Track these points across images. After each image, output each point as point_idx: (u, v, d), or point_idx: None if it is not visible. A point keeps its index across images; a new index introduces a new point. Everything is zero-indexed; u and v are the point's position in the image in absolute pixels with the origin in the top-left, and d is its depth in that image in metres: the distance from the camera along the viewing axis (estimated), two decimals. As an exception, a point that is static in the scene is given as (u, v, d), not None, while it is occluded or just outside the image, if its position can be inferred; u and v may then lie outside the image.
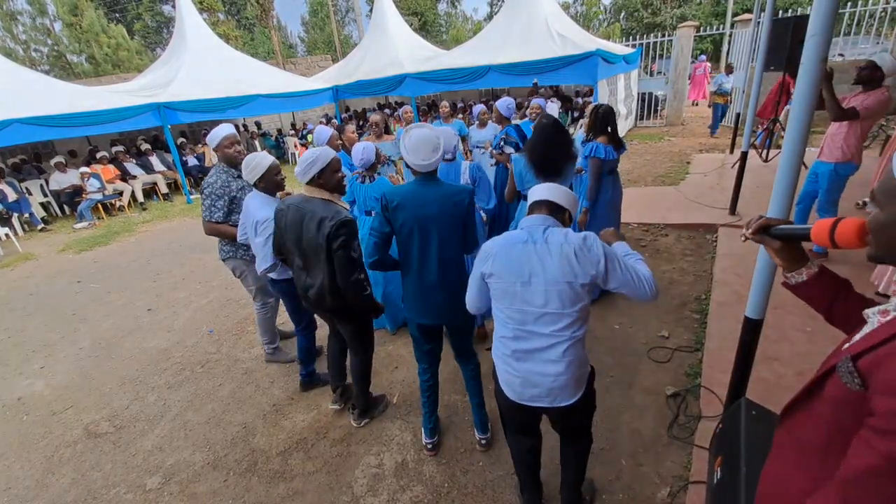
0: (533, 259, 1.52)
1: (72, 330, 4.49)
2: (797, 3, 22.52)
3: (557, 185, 1.62)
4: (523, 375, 1.59)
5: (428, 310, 2.24)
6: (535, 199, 1.63)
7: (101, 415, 3.16)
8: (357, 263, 2.21)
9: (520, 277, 1.53)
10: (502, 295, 1.59)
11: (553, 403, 1.60)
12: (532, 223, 1.60)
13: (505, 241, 1.60)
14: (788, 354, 2.81)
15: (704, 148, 8.74)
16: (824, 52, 1.45)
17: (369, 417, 2.80)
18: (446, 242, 2.12)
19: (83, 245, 7.31)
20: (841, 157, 3.57)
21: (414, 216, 2.07)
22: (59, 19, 24.41)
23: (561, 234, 1.55)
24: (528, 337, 1.57)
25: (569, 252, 1.49)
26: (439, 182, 2.14)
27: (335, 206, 2.22)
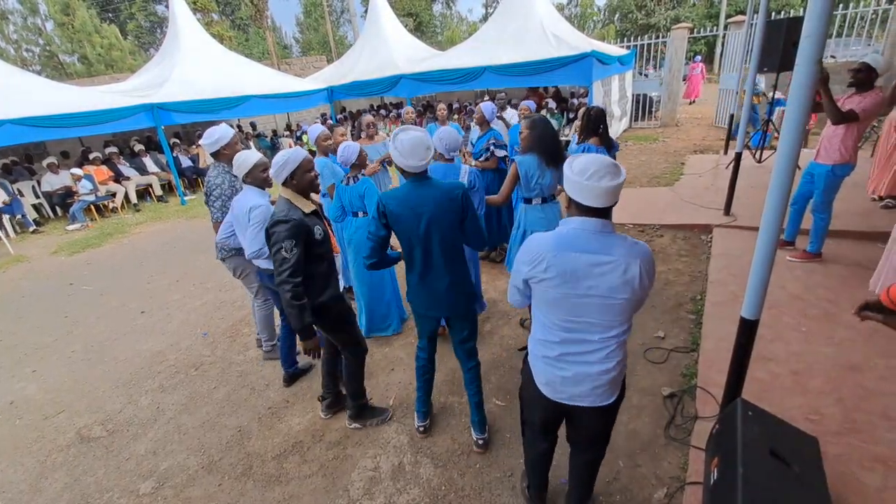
0: (594, 273, 1.43)
1: (64, 333, 4.44)
2: (789, 5, 22.73)
3: (616, 185, 1.42)
4: (568, 376, 1.56)
5: (434, 304, 2.31)
6: (591, 205, 1.43)
7: (93, 419, 3.13)
8: (286, 265, 2.09)
9: (576, 290, 1.46)
10: (552, 303, 1.51)
11: (594, 403, 1.58)
12: (592, 230, 1.46)
13: (559, 246, 1.46)
14: (784, 354, 2.82)
15: (699, 149, 8.78)
16: (818, 53, 1.46)
17: (361, 424, 2.71)
18: (447, 239, 2.16)
19: (76, 247, 7.24)
20: (839, 158, 3.58)
21: (412, 217, 2.10)
22: (50, 19, 24.23)
23: (629, 247, 1.46)
24: (576, 342, 1.54)
25: (633, 267, 1.43)
26: (432, 181, 2.15)
27: (290, 205, 2.22)
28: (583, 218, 1.46)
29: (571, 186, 1.44)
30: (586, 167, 1.40)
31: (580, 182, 1.40)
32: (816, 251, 3.91)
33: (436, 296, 2.26)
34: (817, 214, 3.81)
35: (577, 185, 1.41)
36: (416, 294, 2.33)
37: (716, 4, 27.23)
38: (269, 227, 2.17)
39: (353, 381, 2.67)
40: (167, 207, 9.45)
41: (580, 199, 1.43)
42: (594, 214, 1.45)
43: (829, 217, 3.79)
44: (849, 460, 2.07)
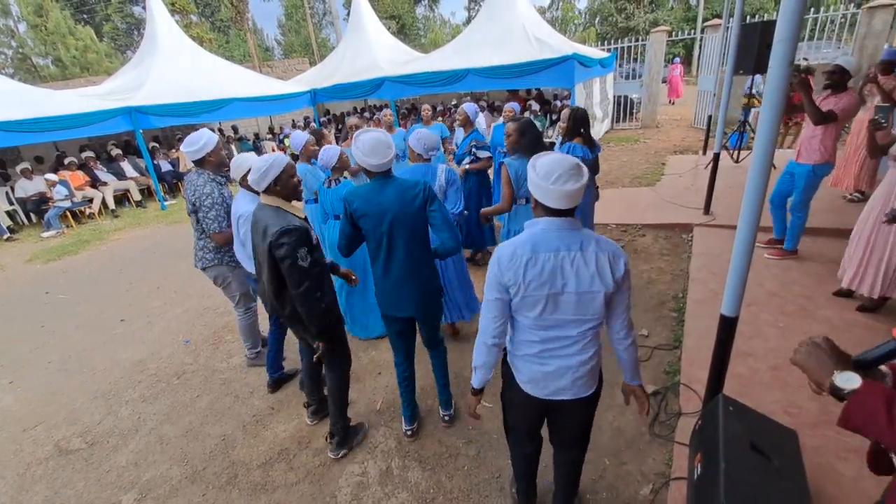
0: (567, 269, 1.47)
1: (40, 343, 4.31)
2: (763, 9, 23.34)
3: (580, 187, 1.45)
4: (550, 371, 1.60)
5: (398, 303, 2.33)
6: (557, 207, 1.47)
7: (72, 430, 3.04)
8: (307, 273, 2.07)
9: (553, 289, 1.48)
10: (530, 305, 1.53)
11: (576, 395, 1.63)
12: (559, 228, 1.50)
13: (532, 249, 1.48)
14: (762, 350, 2.89)
15: (679, 149, 8.95)
16: (791, 55, 1.50)
17: (348, 448, 2.60)
18: (409, 236, 2.19)
19: (51, 254, 7.05)
20: (819, 158, 3.67)
21: (376, 214, 2.15)
22: (23, 20, 23.56)
23: (594, 241, 1.50)
24: (554, 339, 1.58)
25: (603, 261, 1.48)
26: (395, 179, 2.21)
27: (285, 214, 2.13)
28: (549, 219, 1.50)
29: (536, 190, 1.47)
30: (551, 170, 1.43)
31: (545, 186, 1.42)
32: (792, 248, 4.02)
33: (400, 295, 2.30)
34: (795, 213, 3.90)
35: (542, 188, 1.44)
36: (381, 293, 2.37)
37: (693, 8, 27.85)
38: (275, 240, 2.02)
39: (340, 394, 2.53)
40: (146, 213, 9.26)
41: (546, 202, 1.46)
42: (560, 214, 1.49)
43: (805, 216, 3.89)
44: (826, 451, 2.13)
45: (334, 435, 2.56)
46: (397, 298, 2.32)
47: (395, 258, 2.22)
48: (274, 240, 2.03)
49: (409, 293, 2.29)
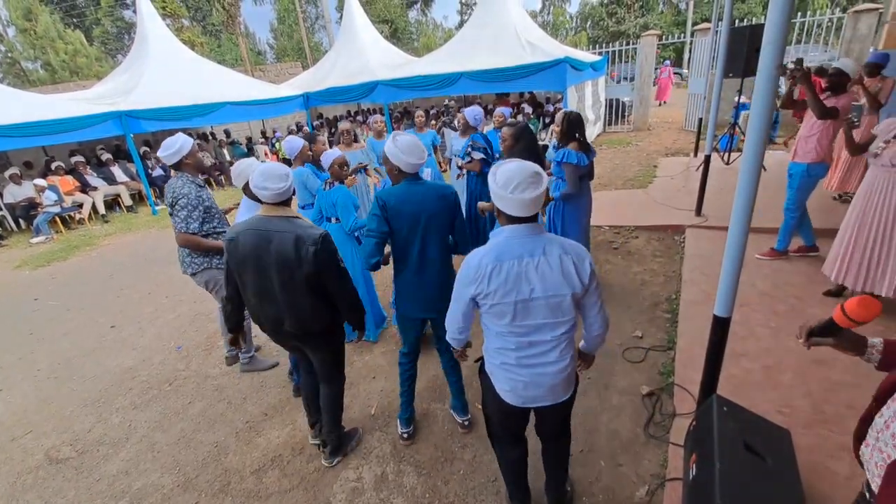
0: (533, 276, 1.50)
1: (29, 351, 4.25)
2: (752, 13, 23.67)
3: (538, 195, 1.47)
4: (528, 379, 1.61)
5: (428, 304, 2.35)
6: (517, 215, 1.50)
7: (62, 439, 2.99)
8: (347, 273, 2.18)
9: (520, 295, 1.51)
10: (501, 314, 1.55)
11: (555, 400, 1.67)
12: (522, 235, 1.52)
13: (496, 258, 1.50)
14: (755, 350, 2.91)
15: (670, 151, 9.02)
16: (779, 58, 1.52)
17: (342, 455, 2.56)
18: (441, 237, 2.27)
19: (40, 260, 6.95)
20: (815, 157, 3.67)
21: (412, 213, 2.18)
22: (11, 24, 23.32)
23: (558, 245, 1.53)
24: (530, 346, 1.59)
25: (568, 264, 1.51)
26: (425, 182, 2.26)
27: (301, 221, 2.10)
28: (512, 226, 1.53)
29: (497, 199, 1.50)
30: (510, 179, 1.45)
31: (505, 195, 1.46)
32: (783, 249, 4.05)
33: (430, 295, 2.32)
34: (788, 213, 3.91)
35: (501, 197, 1.47)
36: (409, 295, 2.36)
37: (682, 12, 28.18)
38: (321, 244, 1.99)
39: (335, 408, 2.48)
40: (137, 218, 9.18)
41: (507, 211, 1.50)
42: (522, 221, 1.52)
43: (798, 217, 3.89)
44: (819, 450, 2.14)
45: (327, 444, 2.51)
46: (428, 298, 2.33)
47: (429, 257, 2.26)
48: (320, 247, 1.99)
49: (436, 292, 2.31)
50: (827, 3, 21.49)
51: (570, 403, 1.77)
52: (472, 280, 1.53)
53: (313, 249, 1.98)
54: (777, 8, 1.48)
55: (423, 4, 36.29)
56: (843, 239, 3.22)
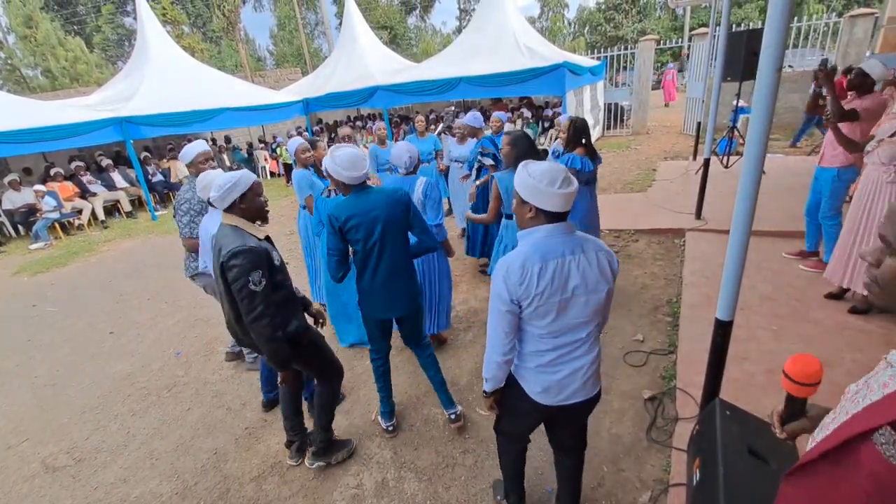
0: (574, 273, 1.50)
1: (27, 357, 4.22)
2: (748, 18, 23.82)
3: (576, 189, 1.50)
4: (564, 376, 1.60)
5: (390, 304, 2.42)
6: (562, 210, 1.50)
7: (59, 447, 2.97)
8: (260, 298, 1.92)
9: (564, 294, 1.50)
10: (544, 314, 1.52)
11: (587, 395, 1.66)
12: (560, 233, 1.52)
13: (542, 258, 1.47)
14: (757, 353, 2.90)
15: (669, 155, 9.04)
16: (779, 61, 1.52)
17: (325, 461, 2.47)
18: (398, 239, 2.31)
19: (39, 267, 6.94)
20: (844, 161, 3.49)
21: (367, 222, 2.22)
22: (12, 31, 23.40)
23: (592, 242, 1.56)
24: (566, 345, 1.59)
25: (603, 260, 1.54)
26: (373, 188, 2.32)
27: (242, 233, 1.98)
28: (550, 225, 1.51)
29: (538, 196, 1.46)
30: (554, 176, 1.45)
31: (551, 191, 1.44)
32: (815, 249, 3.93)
33: (394, 296, 2.38)
34: (826, 221, 3.70)
35: (545, 193, 1.45)
36: (372, 298, 2.41)
37: (680, 17, 28.34)
38: (226, 261, 1.89)
39: (326, 412, 2.44)
40: (137, 223, 9.17)
41: (548, 207, 1.48)
42: (559, 219, 1.51)
43: (838, 223, 3.61)
44: (823, 455, 2.12)
45: (312, 443, 2.51)
46: (388, 300, 2.39)
47: (384, 262, 2.31)
48: (225, 260, 1.90)
49: (399, 293, 2.39)
50: (823, 8, 21.62)
51: (596, 402, 1.75)
52: (518, 283, 1.47)
53: (221, 262, 1.91)
54: (777, 10, 1.48)
55: (421, 11, 36.51)
56: (844, 241, 3.22)
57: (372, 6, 31.10)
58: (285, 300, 2.13)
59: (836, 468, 0.77)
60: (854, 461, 0.72)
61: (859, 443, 0.71)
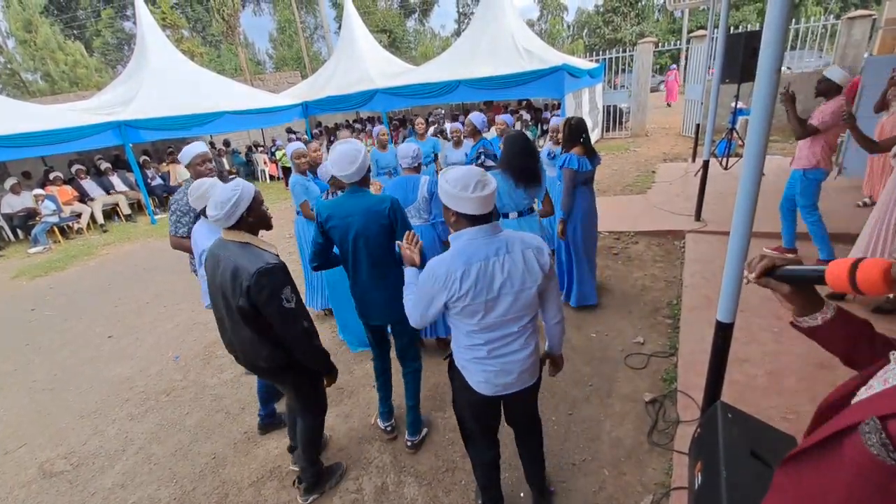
0: (498, 274, 1.55)
1: (25, 362, 4.21)
2: (746, 21, 23.90)
3: (493, 191, 1.55)
4: (499, 368, 1.68)
5: (369, 311, 2.41)
6: (480, 213, 1.55)
7: (56, 452, 2.95)
8: (295, 314, 1.89)
9: (490, 294, 1.56)
10: (472, 313, 1.58)
11: (523, 385, 1.75)
12: (484, 235, 1.57)
13: (465, 262, 1.53)
14: (758, 355, 2.88)
15: (668, 157, 9.05)
16: (778, 62, 1.52)
17: (319, 493, 2.36)
18: (375, 248, 2.22)
19: (38, 270, 6.93)
20: (807, 164, 3.80)
21: (342, 226, 2.20)
22: (11, 36, 23.45)
23: (519, 241, 1.60)
24: (499, 339, 1.65)
25: (530, 257, 1.59)
26: (364, 193, 2.24)
27: (256, 250, 1.87)
28: (474, 228, 1.57)
29: (456, 202, 1.53)
30: (467, 181, 1.51)
31: (466, 196, 1.50)
32: (827, 257, 3.90)
33: (370, 304, 2.37)
34: (805, 220, 3.94)
35: (462, 199, 1.51)
36: (358, 302, 2.42)
37: (678, 20, 28.43)
38: (253, 284, 1.77)
39: (312, 447, 2.31)
40: (136, 227, 9.16)
41: (469, 211, 1.54)
42: (482, 221, 1.57)
43: (817, 219, 3.88)
44: (825, 457, 2.11)
45: (302, 480, 2.36)
46: (367, 306, 2.39)
47: (361, 268, 2.29)
48: (252, 283, 1.77)
49: (376, 302, 2.36)
50: (821, 10, 21.71)
51: (537, 389, 1.87)
52: (443, 287, 1.55)
53: (246, 285, 1.78)
54: (775, 10, 1.48)
55: (420, 14, 36.62)
56: (865, 242, 3.19)
57: (371, 10, 31.19)
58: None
59: (823, 458, 0.77)
60: (839, 452, 0.72)
61: (848, 434, 0.71)
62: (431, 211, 3.19)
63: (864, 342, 0.98)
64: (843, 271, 0.82)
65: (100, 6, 29.00)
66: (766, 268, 0.99)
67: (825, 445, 0.77)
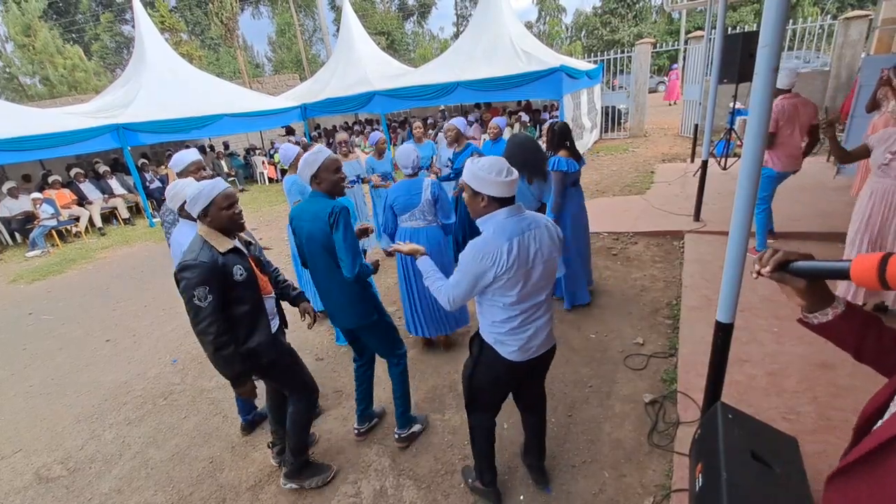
0: (532, 244, 1.72)
1: (22, 366, 4.18)
2: (743, 21, 23.96)
3: (517, 177, 1.74)
4: (532, 332, 1.83)
5: (331, 312, 2.43)
6: (509, 195, 1.72)
7: (52, 457, 2.93)
8: (203, 314, 1.89)
9: (528, 265, 1.72)
10: (511, 285, 1.71)
11: (548, 346, 1.93)
12: (515, 213, 1.74)
13: (508, 237, 1.68)
14: (758, 355, 2.87)
15: (667, 158, 9.05)
16: (775, 61, 1.51)
17: (298, 484, 2.38)
18: (322, 252, 2.22)
19: (36, 274, 6.90)
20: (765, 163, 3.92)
21: (298, 229, 2.27)
22: (10, 40, 23.46)
23: (538, 217, 1.80)
24: (532, 308, 1.81)
25: (552, 230, 1.81)
26: (321, 199, 2.21)
27: (205, 246, 1.93)
28: (506, 208, 1.73)
29: (487, 185, 1.68)
30: (499, 167, 1.68)
31: (498, 180, 1.67)
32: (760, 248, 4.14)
33: (328, 306, 2.40)
34: (756, 209, 4.07)
35: (493, 182, 1.67)
36: (325, 304, 2.44)
37: (676, 21, 28.49)
38: (177, 272, 1.91)
39: (298, 432, 2.34)
40: (134, 230, 9.14)
41: (498, 194, 1.70)
42: (509, 203, 1.74)
43: (761, 210, 4.10)
44: (827, 457, 2.10)
45: (284, 464, 2.41)
46: (327, 306, 2.41)
47: (315, 272, 2.33)
48: (176, 272, 1.92)
49: (332, 306, 2.39)
50: (817, 11, 21.77)
51: (554, 353, 2.02)
52: (492, 264, 1.67)
53: (174, 272, 1.93)
54: (772, 9, 1.47)
55: (419, 16, 36.70)
56: (847, 253, 3.15)
57: (369, 12, 31.27)
58: (245, 315, 2.04)
59: (872, 470, 0.74)
60: (887, 462, 0.70)
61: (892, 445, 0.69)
62: (436, 213, 3.21)
63: (873, 336, 0.96)
64: (872, 265, 0.79)
65: (99, 10, 29.05)
66: (780, 262, 0.97)
67: (872, 458, 0.75)
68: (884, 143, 2.87)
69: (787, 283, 0.98)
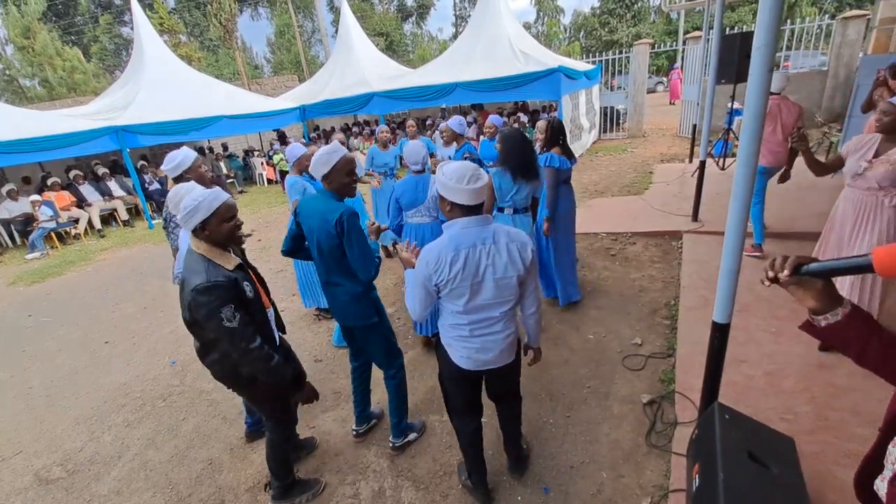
0: (484, 260, 1.71)
1: (21, 368, 4.18)
2: (741, 22, 23.99)
3: (484, 185, 1.71)
4: (480, 345, 1.84)
5: (332, 307, 2.43)
6: (471, 203, 1.70)
7: (52, 459, 2.93)
8: (240, 334, 1.78)
9: (475, 278, 1.72)
10: (458, 295, 1.74)
11: (500, 363, 1.91)
12: (475, 224, 1.73)
13: (454, 248, 1.69)
14: (756, 356, 2.87)
15: (665, 158, 9.05)
16: (770, 62, 1.52)
17: (288, 502, 2.32)
18: (326, 252, 2.22)
19: (35, 276, 6.90)
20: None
21: (305, 224, 2.28)
22: (10, 42, 23.46)
23: (504, 234, 1.76)
24: (480, 321, 1.81)
25: (513, 250, 1.75)
26: (328, 198, 2.22)
27: (211, 265, 1.78)
28: (466, 218, 1.73)
29: (451, 192, 1.69)
30: (462, 174, 1.67)
31: (461, 187, 1.66)
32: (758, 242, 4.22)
33: (330, 301, 2.40)
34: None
35: (456, 189, 1.67)
36: (328, 301, 2.44)
37: (674, 21, 28.53)
38: (192, 300, 1.73)
39: (276, 456, 2.24)
40: (133, 232, 9.14)
41: (461, 201, 1.69)
42: (473, 212, 1.72)
43: (754, 203, 4.04)
44: (824, 457, 2.10)
45: (271, 490, 2.33)
46: (330, 301, 2.41)
47: (320, 267, 2.33)
48: (191, 300, 1.73)
49: (333, 302, 2.39)
50: (815, 11, 21.80)
51: (517, 367, 2.05)
52: (434, 271, 1.70)
53: (188, 300, 1.76)
54: (766, 10, 1.48)
55: (417, 17, 36.71)
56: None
57: (368, 13, 31.28)
58: (264, 327, 1.98)
59: None
60: None
61: None
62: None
63: (875, 339, 0.96)
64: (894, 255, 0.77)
65: (98, 12, 29.05)
66: (796, 265, 0.96)
67: None
68: (858, 150, 2.69)
69: (803, 285, 0.98)
